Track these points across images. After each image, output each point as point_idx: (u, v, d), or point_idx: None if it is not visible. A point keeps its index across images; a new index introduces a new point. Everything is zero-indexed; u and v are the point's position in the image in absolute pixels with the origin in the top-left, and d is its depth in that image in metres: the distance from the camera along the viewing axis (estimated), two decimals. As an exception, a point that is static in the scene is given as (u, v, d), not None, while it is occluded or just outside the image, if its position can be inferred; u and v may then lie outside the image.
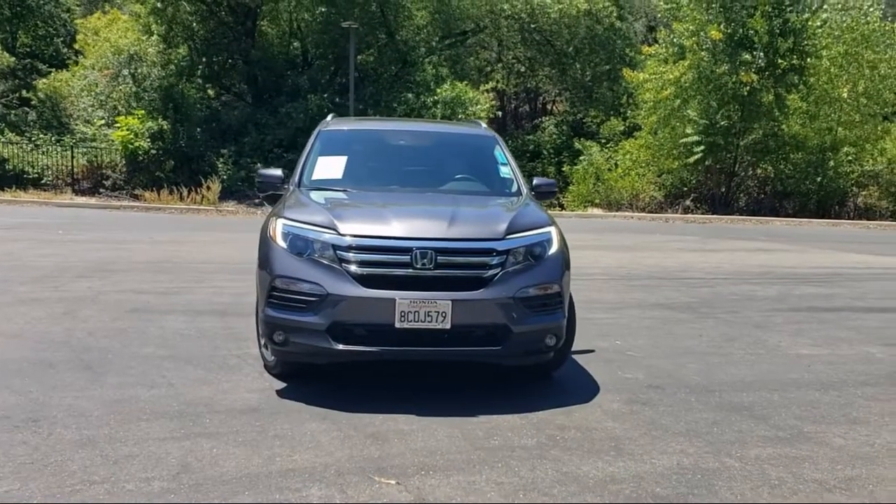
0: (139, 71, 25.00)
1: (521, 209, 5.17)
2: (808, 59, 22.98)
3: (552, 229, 4.96)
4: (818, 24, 23.14)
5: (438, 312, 4.46)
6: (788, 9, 22.98)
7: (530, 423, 4.43)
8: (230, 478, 3.55)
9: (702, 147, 23.63)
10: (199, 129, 23.63)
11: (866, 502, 3.52)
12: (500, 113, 29.70)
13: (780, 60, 22.87)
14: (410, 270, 4.52)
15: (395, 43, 26.78)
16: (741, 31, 22.95)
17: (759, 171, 25.39)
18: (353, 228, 4.63)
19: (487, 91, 26.14)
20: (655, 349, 6.40)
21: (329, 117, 6.83)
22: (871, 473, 3.85)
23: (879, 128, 24.57)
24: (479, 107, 23.99)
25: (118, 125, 22.46)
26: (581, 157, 26.58)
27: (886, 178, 25.07)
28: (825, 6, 23.83)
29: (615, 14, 28.77)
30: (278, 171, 5.83)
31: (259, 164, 22.87)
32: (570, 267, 4.99)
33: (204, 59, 26.87)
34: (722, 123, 23.41)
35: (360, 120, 9.94)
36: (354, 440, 4.07)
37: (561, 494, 3.48)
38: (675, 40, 24.34)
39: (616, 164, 26.08)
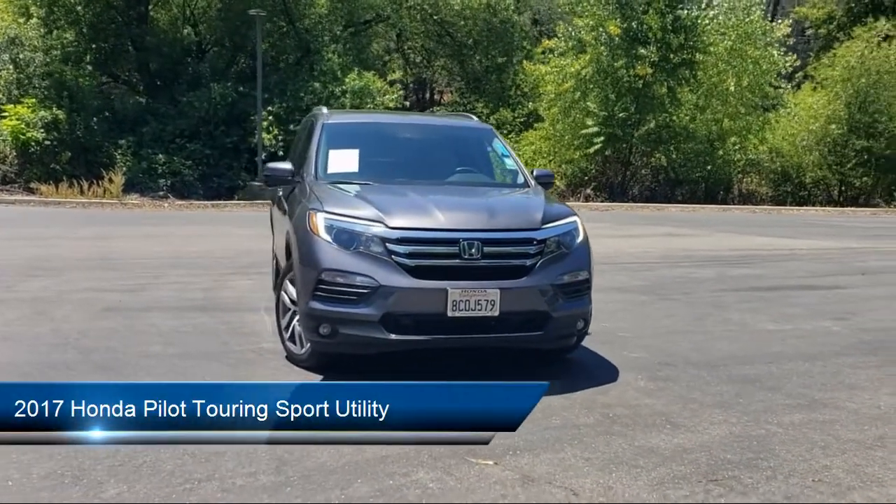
0: (20, 56, 23.48)
1: (545, 200, 5.41)
2: (698, 55, 24.34)
3: (577, 219, 5.22)
4: (707, 21, 24.54)
5: (488, 300, 4.63)
6: (679, 6, 24.24)
7: (576, 403, 4.67)
8: (333, 467, 3.60)
9: (601, 138, 24.63)
10: (95, 119, 22.50)
11: (903, 456, 3.98)
12: (407, 103, 29.80)
13: (672, 55, 24.12)
14: (459, 261, 4.67)
15: (297, 31, 26.37)
16: (636, 26, 24.03)
17: (652, 160, 26.69)
18: (402, 221, 4.72)
19: (394, 81, 26.19)
20: (641, 330, 6.79)
21: (323, 109, 6.80)
22: (895, 431, 4.33)
23: (761, 119, 26.34)
24: (387, 97, 24.02)
25: (6, 114, 21.06)
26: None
27: (767, 166, 26.94)
28: (713, 4, 25.25)
29: (512, 7, 29.40)
30: (288, 165, 5.82)
31: (161, 156, 22.07)
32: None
33: (93, 46, 25.53)
34: (620, 115, 24.47)
35: (358, 113, 9.90)
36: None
37: (647, 465, 3.74)
38: (573, 34, 25.17)
39: (519, 155, 26.75)
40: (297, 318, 5.21)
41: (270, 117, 22.69)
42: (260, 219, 17.13)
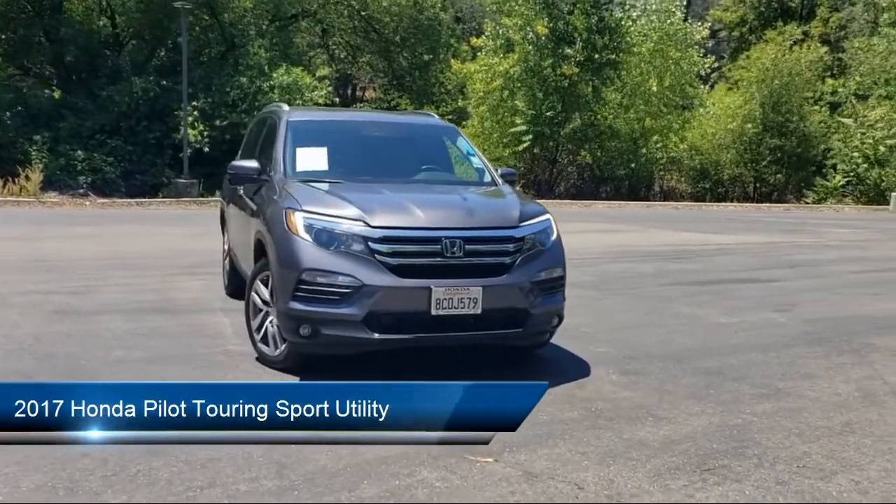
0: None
1: (518, 198, 5.47)
2: (622, 55, 24.95)
3: (550, 217, 5.30)
4: (630, 23, 25.18)
5: (470, 298, 4.67)
6: (604, 7, 24.80)
7: (557, 398, 4.74)
8: (335, 470, 3.57)
9: (529, 136, 24.98)
10: (7, 114, 21.45)
11: (870, 440, 4.21)
12: (337, 100, 29.49)
13: (597, 55, 24.66)
14: (441, 259, 4.69)
15: (220, 24, 25.77)
16: (563, 26, 24.45)
17: (578, 158, 27.23)
18: (384, 220, 4.70)
19: (323, 77, 25.89)
20: (600, 325, 6.94)
21: (284, 106, 6.68)
22: (859, 417, 4.57)
23: (681, 118, 27.20)
24: (315, 93, 23.74)
25: None
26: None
27: (686, 164, 27.85)
28: (636, 5, 25.92)
29: (439, 5, 29.48)
30: (254, 163, 5.71)
31: (80, 152, 21.25)
32: (563, 252, 5.37)
33: (1, 37, 24.36)
34: (547, 114, 24.86)
35: (321, 110, 9.72)
36: (418, 425, 4.18)
37: (641, 458, 3.84)
38: (501, 33, 25.42)
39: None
40: (269, 319, 5.13)
41: (196, 112, 22.12)
42: (190, 217, 16.74)
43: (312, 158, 5.66)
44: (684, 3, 27.53)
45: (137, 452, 3.66)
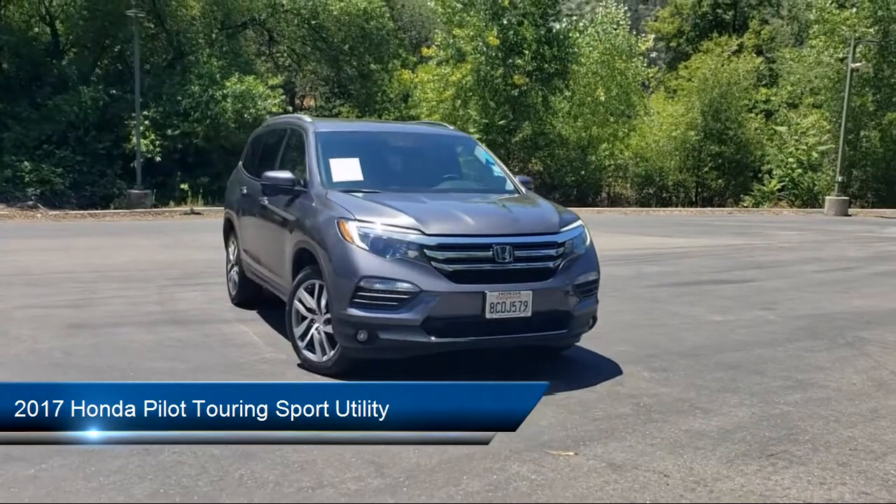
0: None
1: (551, 205, 5.70)
2: (571, 66, 25.56)
3: (583, 223, 5.55)
4: (577, 34, 25.83)
5: (521, 302, 4.87)
6: (551, 19, 25.38)
7: (603, 395, 4.99)
8: (430, 467, 3.72)
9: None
10: (-52, 124, 20.71)
11: (900, 424, 4.58)
12: (290, 108, 29.28)
13: (546, 65, 25.20)
14: (493, 265, 4.88)
15: (168, 33, 25.38)
16: (513, 37, 24.92)
17: (529, 165, 27.73)
18: (438, 228, 4.87)
19: (276, 86, 25.71)
20: (607, 325, 7.13)
21: (306, 117, 6.76)
22: (881, 404, 4.94)
23: (626, 126, 27.99)
24: (269, 101, 23.59)
25: None
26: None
27: (631, 171, 28.67)
28: (583, 17, 26.59)
29: (388, 15, 29.64)
30: (288, 174, 5.78)
31: (27, 163, 20.65)
32: (594, 256, 5.62)
33: (-64, 43, 23.49)
34: (499, 123, 25.27)
35: (343, 122, 9.73)
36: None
37: (706, 446, 4.11)
38: (452, 43, 25.73)
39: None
40: (315, 326, 5.23)
41: (147, 122, 21.72)
42: (153, 228, 16.46)
43: (346, 169, 5.77)
44: (628, 15, 28.39)
45: (232, 457, 3.74)
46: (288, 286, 5.75)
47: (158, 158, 21.77)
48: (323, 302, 5.16)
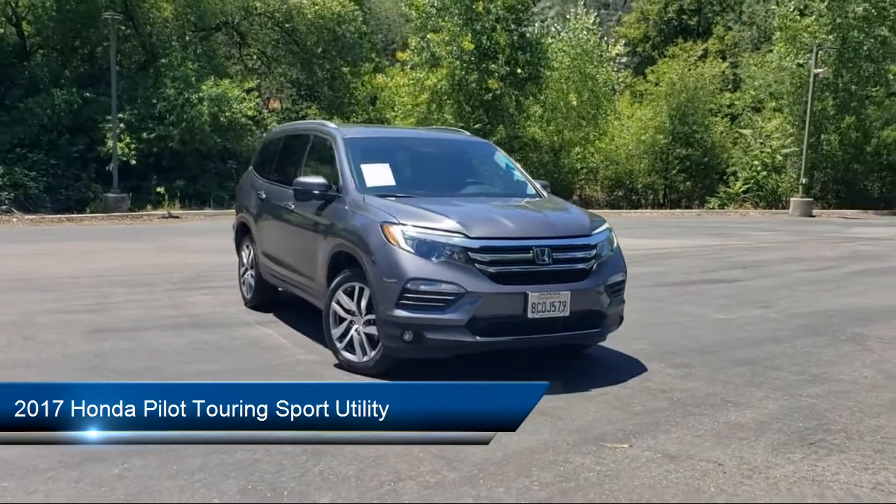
0: None
1: (579, 209, 5.91)
2: (543, 71, 25.91)
3: (609, 226, 5.77)
4: (550, 40, 26.19)
5: (560, 302, 5.07)
6: (524, 25, 25.70)
7: (636, 391, 5.20)
8: (498, 460, 3.89)
9: (457, 147, 25.48)
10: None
11: (919, 414, 4.87)
12: (266, 111, 29.14)
13: (519, 70, 25.50)
14: (534, 266, 5.07)
15: (140, 35, 25.13)
16: (486, 41, 25.16)
17: (503, 168, 27.96)
18: (481, 231, 5.04)
19: (251, 89, 25.61)
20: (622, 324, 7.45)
21: (329, 123, 6.89)
22: (898, 395, 5.25)
23: (597, 130, 28.44)
24: (244, 104, 23.51)
25: None
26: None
27: (602, 174, 29.14)
28: (555, 21, 26.96)
29: (361, 19, 29.69)
30: (321, 179, 5.90)
31: (-1, 167, 20.29)
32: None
33: None
34: (475, 126, 25.48)
35: (368, 127, 9.81)
36: (536, 419, 4.53)
37: (748, 437, 4.34)
38: (426, 47, 25.89)
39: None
40: (354, 327, 5.37)
41: (122, 125, 21.50)
42: (136, 232, 16.29)
43: (378, 174, 5.91)
44: (598, 21, 28.86)
45: (305, 454, 3.87)
46: (320, 289, 5.88)
47: (134, 162, 21.55)
48: (363, 303, 5.30)
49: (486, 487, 3.59)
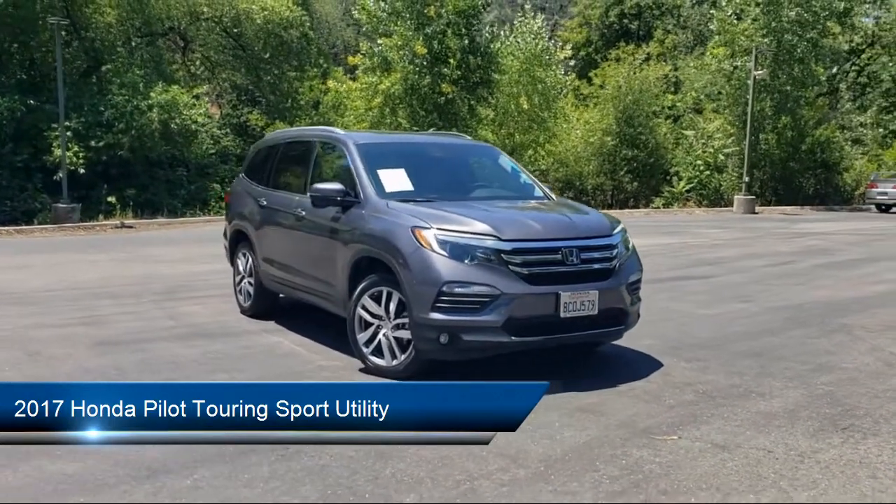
0: None
1: (595, 210, 6.06)
2: (495, 75, 26.18)
3: (624, 226, 5.93)
4: (500, 44, 26.47)
5: (589, 301, 5.20)
6: (474, 30, 25.92)
7: (662, 385, 5.36)
8: (558, 457, 3.99)
9: (411, 151, 25.52)
10: None
11: (928, 397, 5.16)
12: (217, 116, 28.64)
13: (471, 75, 25.71)
14: (564, 267, 5.19)
15: (82, 40, 24.46)
16: (437, 46, 25.29)
17: (455, 171, 28.10)
18: (513, 234, 5.13)
19: (199, 95, 25.12)
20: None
21: (337, 129, 6.90)
22: (903, 380, 5.54)
23: (547, 132, 28.84)
24: (194, 111, 23.11)
25: None
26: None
27: (552, 175, 29.55)
28: (504, 26, 27.24)
29: (308, 24, 29.49)
30: (340, 186, 5.90)
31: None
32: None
33: None
34: (429, 130, 25.57)
35: (375, 133, 9.73)
36: (579, 416, 4.66)
37: (784, 424, 4.54)
38: (378, 52, 25.87)
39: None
40: (382, 331, 5.41)
41: (69, 133, 20.89)
42: (94, 243, 15.82)
43: (395, 179, 5.95)
44: (546, 25, 29.29)
45: (370, 458, 3.91)
46: (339, 295, 5.89)
47: (82, 171, 20.95)
48: (392, 307, 5.34)
49: (559, 483, 3.68)
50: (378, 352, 5.45)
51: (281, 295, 7.50)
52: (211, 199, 23.79)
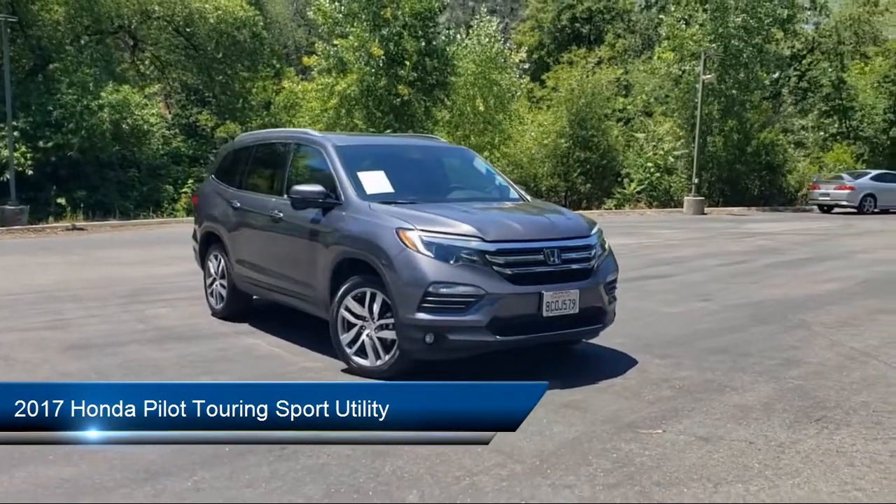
0: None
1: (571, 212, 6.20)
2: (451, 77, 26.32)
3: (600, 227, 6.08)
4: (456, 47, 26.62)
5: (570, 300, 5.33)
6: (431, 31, 26.02)
7: (641, 382, 5.50)
8: (551, 452, 4.10)
9: (367, 152, 25.51)
10: None
11: (894, 388, 5.41)
12: (169, 116, 28.15)
13: (427, 77, 25.80)
14: (545, 267, 5.31)
15: (28, 38, 23.85)
16: (394, 48, 25.33)
17: (411, 173, 28.16)
18: (496, 234, 5.23)
19: (153, 94, 24.70)
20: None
21: (312, 131, 6.92)
22: (864, 374, 5.77)
23: (502, 134, 29.11)
24: (146, 111, 22.73)
25: None
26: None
27: (508, 177, 29.79)
28: (458, 29, 27.40)
29: (261, 24, 29.23)
30: (320, 188, 5.92)
31: None
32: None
33: None
34: (385, 132, 25.58)
35: (352, 135, 9.67)
36: (565, 412, 4.78)
37: (760, 416, 4.72)
38: (333, 53, 25.79)
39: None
40: (365, 332, 5.45)
41: (16, 133, 20.35)
42: (47, 246, 15.44)
43: (375, 181, 6.00)
44: (501, 28, 29.55)
45: (367, 456, 3.95)
46: (319, 296, 5.91)
47: (31, 172, 20.45)
48: (376, 308, 5.39)
49: (556, 477, 3.78)
50: (361, 352, 5.50)
51: (254, 297, 7.48)
52: (164, 200, 23.43)
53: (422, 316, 5.06)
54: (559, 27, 40.10)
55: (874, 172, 30.23)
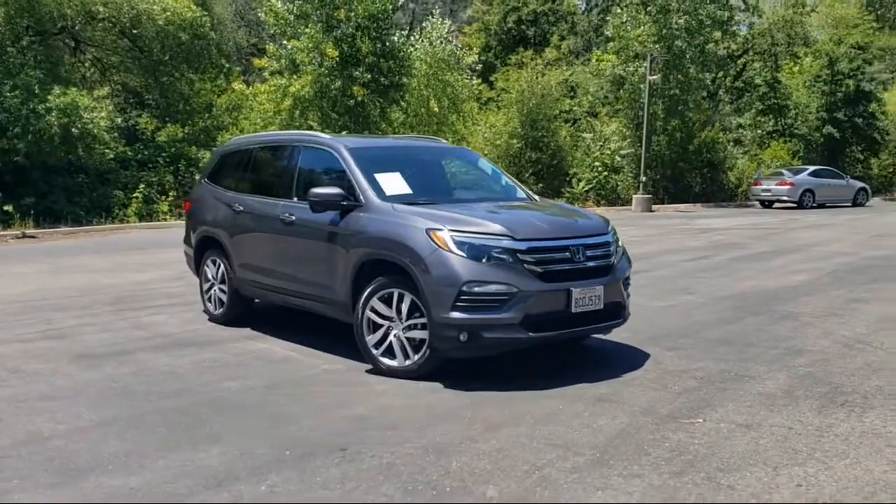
0: None
1: (585, 210, 6.33)
2: (405, 78, 26.32)
3: (613, 226, 6.23)
4: (410, 49, 26.64)
5: (596, 296, 5.46)
6: (384, 33, 25.98)
7: (660, 373, 5.67)
8: (605, 443, 4.21)
9: (321, 154, 25.31)
10: None
11: None
12: (119, 120, 27.38)
13: (382, 78, 25.75)
14: (573, 265, 5.43)
15: (-36, 40, 22.95)
16: (348, 49, 25.21)
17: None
18: (525, 233, 5.32)
19: (103, 97, 23.98)
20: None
21: (321, 134, 6.87)
22: (867, 359, 6.05)
23: (456, 135, 29.22)
24: (95, 114, 22.09)
25: None
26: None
27: (460, 178, 29.96)
28: (412, 31, 27.42)
29: (209, 24, 28.68)
30: (339, 190, 5.92)
31: None
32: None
33: None
34: (343, 134, 25.43)
35: (360, 137, 9.52)
36: (601, 405, 4.90)
37: (788, 403, 4.92)
38: (285, 54, 25.53)
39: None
40: (392, 332, 5.48)
41: (-43, 138, 19.56)
42: (6, 255, 14.87)
43: (393, 183, 6.02)
44: (453, 30, 29.66)
45: (428, 455, 4.00)
46: (340, 298, 5.91)
47: (-26, 177, 19.69)
48: (404, 308, 5.42)
49: (621, 466, 3.89)
50: (389, 353, 5.52)
51: (256, 300, 7.41)
52: (114, 206, 22.80)
53: (456, 315, 5.12)
54: (505, 29, 40.47)
55: (812, 168, 31.42)
